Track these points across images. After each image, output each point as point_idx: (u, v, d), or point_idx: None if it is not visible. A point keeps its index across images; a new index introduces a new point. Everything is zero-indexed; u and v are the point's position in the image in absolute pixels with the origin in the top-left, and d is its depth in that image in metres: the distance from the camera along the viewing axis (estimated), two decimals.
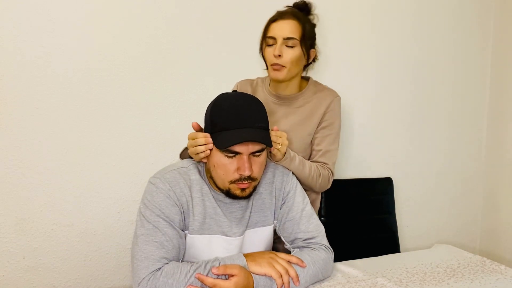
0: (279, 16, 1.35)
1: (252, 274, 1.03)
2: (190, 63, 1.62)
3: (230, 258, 1.05)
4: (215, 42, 1.65)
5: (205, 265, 1.02)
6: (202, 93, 1.64)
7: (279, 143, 1.20)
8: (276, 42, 1.32)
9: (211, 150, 1.09)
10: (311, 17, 1.40)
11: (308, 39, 1.35)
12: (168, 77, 1.60)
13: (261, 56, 1.42)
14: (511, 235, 2.05)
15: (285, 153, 1.24)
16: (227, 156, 1.06)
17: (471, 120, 2.16)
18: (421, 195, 2.09)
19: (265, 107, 1.42)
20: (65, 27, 1.45)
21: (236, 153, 1.05)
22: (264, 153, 1.11)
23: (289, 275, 1.06)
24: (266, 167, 1.22)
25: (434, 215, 2.13)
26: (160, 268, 1.00)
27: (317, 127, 1.41)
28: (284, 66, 1.32)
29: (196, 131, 1.15)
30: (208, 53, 1.64)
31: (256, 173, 1.09)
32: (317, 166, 1.35)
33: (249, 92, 1.46)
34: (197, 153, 1.10)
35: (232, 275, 1.00)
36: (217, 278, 1.00)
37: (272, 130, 1.19)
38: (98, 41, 1.50)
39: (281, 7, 1.40)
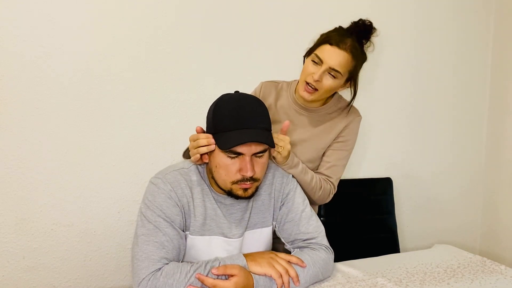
0: (338, 40, 1.25)
1: (252, 274, 1.03)
2: (190, 63, 1.62)
3: (230, 258, 1.05)
4: (215, 42, 1.65)
5: (205, 265, 1.02)
6: (202, 93, 1.64)
7: (280, 146, 1.19)
8: (321, 65, 1.26)
9: (212, 151, 1.09)
10: (367, 43, 1.33)
11: (351, 74, 1.31)
12: (168, 77, 1.60)
13: (303, 58, 1.36)
14: (511, 235, 2.05)
15: (287, 157, 1.23)
16: (230, 156, 1.06)
17: (471, 120, 2.15)
18: (421, 195, 2.09)
19: (287, 113, 1.40)
20: (65, 27, 1.45)
21: (239, 153, 1.05)
22: (266, 154, 1.10)
23: (289, 275, 1.06)
24: (266, 168, 1.21)
25: (434, 215, 2.13)
26: (160, 268, 1.00)
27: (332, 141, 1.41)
28: (317, 90, 1.29)
29: None
30: (208, 53, 1.64)
31: (258, 173, 1.09)
32: (320, 179, 1.35)
33: (272, 95, 1.43)
34: (199, 154, 1.10)
35: (232, 275, 1.00)
36: (217, 278, 1.00)
37: (274, 132, 1.19)
38: (98, 41, 1.50)
39: (331, 26, 1.33)
